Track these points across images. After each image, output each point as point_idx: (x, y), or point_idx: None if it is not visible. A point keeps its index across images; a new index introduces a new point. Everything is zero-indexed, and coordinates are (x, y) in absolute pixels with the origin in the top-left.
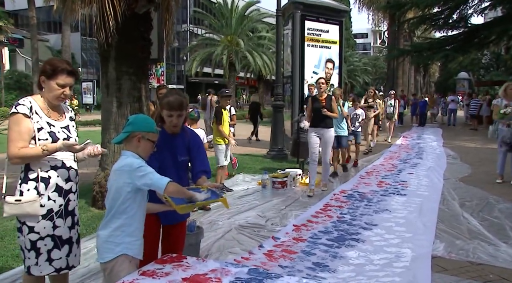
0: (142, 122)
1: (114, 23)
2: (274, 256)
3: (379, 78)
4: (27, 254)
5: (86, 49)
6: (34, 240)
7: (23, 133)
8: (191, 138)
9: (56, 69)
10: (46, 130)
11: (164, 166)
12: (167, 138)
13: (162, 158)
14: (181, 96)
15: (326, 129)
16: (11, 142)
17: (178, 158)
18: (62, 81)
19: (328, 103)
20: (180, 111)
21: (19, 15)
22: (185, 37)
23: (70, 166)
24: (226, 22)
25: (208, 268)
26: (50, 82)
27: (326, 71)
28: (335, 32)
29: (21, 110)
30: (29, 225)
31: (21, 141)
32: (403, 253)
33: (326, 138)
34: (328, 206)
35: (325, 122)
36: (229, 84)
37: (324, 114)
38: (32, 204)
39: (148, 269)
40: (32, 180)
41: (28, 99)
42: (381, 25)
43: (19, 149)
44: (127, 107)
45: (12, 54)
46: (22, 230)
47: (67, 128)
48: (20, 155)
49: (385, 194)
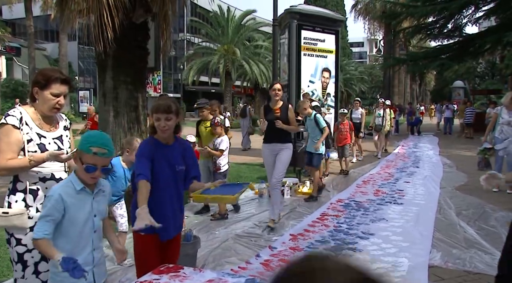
0: (82, 139)
1: (112, 33)
2: (271, 265)
3: (375, 87)
4: (14, 266)
5: (83, 58)
6: (21, 252)
7: (12, 144)
8: (186, 146)
9: (49, 79)
10: (36, 142)
11: (164, 178)
12: (164, 150)
13: (161, 170)
14: (170, 101)
15: (281, 145)
16: (0, 154)
17: (176, 168)
18: (56, 90)
19: (284, 113)
20: (167, 114)
21: (17, 24)
22: (182, 46)
23: (59, 177)
24: (223, 31)
25: (205, 278)
26: (44, 93)
27: (322, 80)
28: (331, 41)
29: (10, 121)
30: (17, 237)
31: (10, 152)
32: (400, 263)
33: (280, 156)
34: (325, 215)
35: (281, 136)
36: (226, 93)
37: (278, 127)
38: (19, 217)
39: (145, 279)
40: (21, 191)
41: (18, 110)
42: (377, 34)
43: (7, 160)
44: (124, 116)
45: (9, 62)
46: (10, 242)
47: (60, 138)
48: (7, 166)
49: (381, 203)
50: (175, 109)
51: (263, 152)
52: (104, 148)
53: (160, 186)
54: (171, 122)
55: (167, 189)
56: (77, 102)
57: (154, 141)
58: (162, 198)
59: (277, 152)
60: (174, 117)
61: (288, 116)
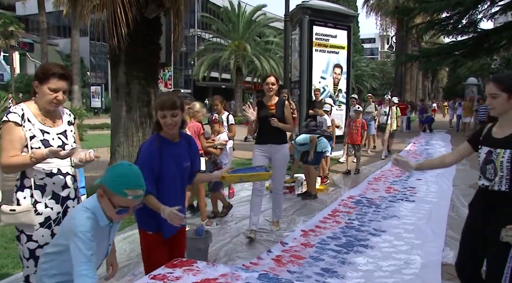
0: (112, 176)
1: (125, 28)
2: (282, 261)
3: (386, 84)
4: (25, 263)
5: (95, 53)
6: (32, 248)
7: (14, 142)
8: (191, 142)
9: (47, 73)
10: (39, 138)
11: (170, 176)
12: (171, 147)
13: (168, 168)
14: (174, 96)
15: (277, 146)
16: (2, 151)
17: (183, 165)
18: (53, 85)
19: (279, 110)
20: (173, 110)
21: (30, 20)
22: (193, 41)
23: (66, 172)
24: (234, 27)
25: (219, 272)
26: (43, 87)
27: (334, 76)
28: (343, 37)
29: (12, 118)
30: (27, 233)
31: (13, 149)
32: (413, 260)
33: (276, 159)
34: (336, 212)
35: (276, 136)
36: (236, 89)
37: (274, 126)
38: (26, 214)
39: (159, 273)
40: (28, 187)
41: (20, 106)
42: (389, 30)
43: (10, 158)
44: (137, 111)
45: (23, 58)
46: (20, 239)
47: (64, 133)
48: (10, 164)
49: (393, 200)
50: (180, 104)
51: (254, 155)
52: (140, 189)
53: (165, 183)
54: (177, 118)
55: (172, 186)
56: (88, 98)
57: (160, 139)
58: (166, 194)
59: (272, 155)
60: (180, 112)
61: (284, 113)
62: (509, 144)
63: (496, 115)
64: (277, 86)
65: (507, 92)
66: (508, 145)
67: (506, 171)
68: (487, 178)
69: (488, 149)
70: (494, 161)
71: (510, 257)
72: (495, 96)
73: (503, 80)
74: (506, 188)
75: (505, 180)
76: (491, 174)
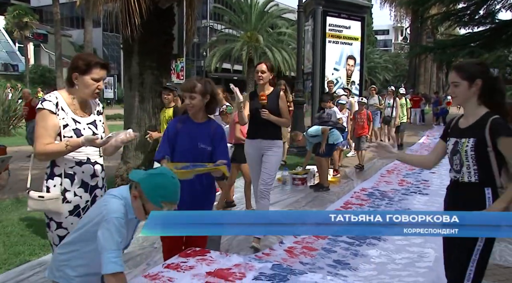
0: (152, 185)
1: (139, 18)
2: (294, 252)
3: (400, 76)
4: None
5: (108, 44)
6: (62, 235)
7: (49, 129)
8: (216, 129)
9: (90, 64)
10: (71, 127)
11: (180, 150)
12: (191, 125)
13: (181, 143)
14: (196, 81)
15: (269, 142)
16: (37, 139)
17: (198, 145)
18: (96, 75)
19: (274, 102)
20: (190, 93)
21: (44, 11)
22: (205, 32)
23: (95, 161)
24: (246, 18)
25: (232, 262)
26: (85, 78)
27: (347, 68)
28: (357, 28)
29: (47, 106)
30: (57, 221)
31: (48, 137)
32: (426, 253)
33: (267, 157)
34: (348, 204)
35: (267, 130)
36: (248, 80)
37: (265, 118)
38: (54, 201)
39: (173, 262)
40: (58, 176)
41: (54, 95)
42: (403, 22)
43: (45, 145)
44: (149, 101)
45: (37, 49)
46: (50, 226)
47: (93, 123)
48: (45, 151)
49: (406, 193)
50: (201, 88)
51: (246, 150)
52: (176, 203)
53: (176, 155)
54: (195, 100)
55: (182, 160)
56: None
57: (184, 118)
58: None
59: (264, 151)
60: (199, 96)
61: (279, 106)
62: (472, 132)
63: (459, 104)
64: (269, 74)
65: (467, 80)
66: (472, 133)
67: (471, 160)
68: (454, 170)
69: (455, 140)
70: (460, 151)
71: (476, 250)
72: (456, 85)
73: (463, 68)
74: (475, 179)
75: (473, 171)
76: (457, 165)
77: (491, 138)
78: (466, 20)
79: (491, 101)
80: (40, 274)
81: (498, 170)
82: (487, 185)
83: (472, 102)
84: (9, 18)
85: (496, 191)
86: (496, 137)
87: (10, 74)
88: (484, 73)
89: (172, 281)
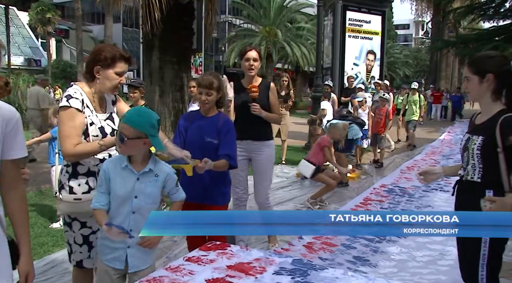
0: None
1: (159, 13)
2: (313, 248)
3: (420, 71)
4: (78, 249)
5: (127, 39)
6: (86, 235)
7: (77, 128)
8: (223, 123)
9: (114, 57)
10: (97, 125)
11: (190, 143)
12: (200, 120)
13: (191, 138)
14: (213, 77)
15: (259, 144)
16: (65, 138)
17: (204, 138)
18: (120, 69)
19: (263, 95)
20: (208, 90)
21: (65, 7)
22: (224, 27)
23: None
24: (265, 12)
25: (252, 257)
26: (108, 71)
27: (367, 63)
28: (377, 22)
29: (74, 104)
30: (81, 220)
31: (76, 137)
32: (448, 251)
33: (258, 161)
34: (368, 200)
35: (257, 129)
36: (267, 75)
37: (255, 114)
38: (90, 203)
39: (193, 255)
40: (83, 174)
41: (78, 91)
42: (425, 16)
43: (75, 146)
44: (169, 95)
45: (59, 44)
46: (72, 226)
47: (110, 118)
48: (76, 152)
49: (427, 190)
50: (217, 85)
51: None
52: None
53: (187, 149)
54: (211, 97)
55: (192, 156)
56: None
57: (195, 113)
58: None
59: (253, 154)
60: (215, 93)
61: (270, 99)
62: (481, 130)
63: (473, 99)
64: (259, 63)
65: (478, 75)
66: (482, 131)
67: (477, 159)
68: (463, 167)
69: (468, 136)
70: (469, 148)
71: (483, 255)
72: (468, 79)
73: (474, 62)
74: (478, 178)
75: (478, 170)
76: (465, 162)
77: (501, 138)
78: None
79: (508, 97)
80: (64, 265)
81: (508, 173)
82: (489, 187)
83: (486, 98)
84: (32, 14)
85: (500, 195)
86: (505, 136)
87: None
88: (498, 67)
89: (193, 273)
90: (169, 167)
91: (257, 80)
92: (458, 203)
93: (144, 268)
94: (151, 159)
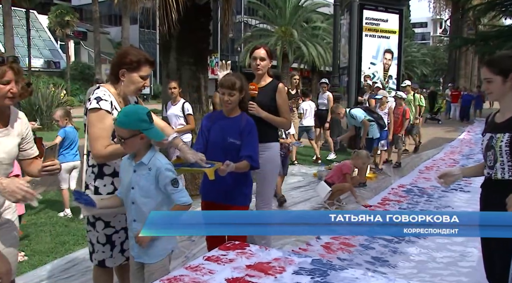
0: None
1: (176, 14)
2: (332, 248)
3: (438, 70)
4: (100, 248)
5: (144, 41)
6: (109, 234)
7: (108, 130)
8: (246, 124)
9: (140, 61)
10: None
11: (212, 143)
12: (222, 120)
13: (213, 139)
14: (235, 78)
15: (261, 146)
16: (96, 140)
17: (227, 139)
18: (144, 73)
19: (268, 96)
20: (230, 90)
21: (83, 10)
22: (239, 28)
23: None
24: (280, 12)
25: (272, 256)
26: (132, 75)
27: (384, 62)
28: (394, 21)
29: (104, 106)
30: (105, 220)
31: (106, 138)
32: (469, 253)
33: (264, 173)
34: (386, 200)
35: (258, 129)
36: (283, 75)
37: (251, 113)
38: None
39: (213, 255)
40: (109, 175)
41: (107, 93)
42: (443, 14)
43: (105, 147)
44: (187, 96)
45: (77, 46)
46: (95, 225)
47: None
48: (107, 154)
49: (446, 190)
50: (239, 85)
51: None
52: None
53: (209, 149)
54: (234, 97)
55: (213, 154)
56: None
57: (217, 113)
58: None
59: None
60: (238, 93)
61: (277, 101)
62: (506, 128)
63: (494, 99)
64: (269, 62)
65: (501, 75)
66: (508, 128)
67: (506, 156)
68: (488, 166)
69: (490, 135)
70: (494, 146)
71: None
72: (490, 81)
73: (495, 63)
74: (510, 176)
75: (507, 167)
76: (490, 161)
77: None
78: None
79: None
80: (85, 263)
81: None
82: None
83: (509, 96)
84: (51, 17)
85: None
86: None
87: (52, 70)
88: None
89: (212, 273)
90: (162, 162)
91: (266, 79)
92: (484, 203)
93: (150, 263)
94: (149, 152)
